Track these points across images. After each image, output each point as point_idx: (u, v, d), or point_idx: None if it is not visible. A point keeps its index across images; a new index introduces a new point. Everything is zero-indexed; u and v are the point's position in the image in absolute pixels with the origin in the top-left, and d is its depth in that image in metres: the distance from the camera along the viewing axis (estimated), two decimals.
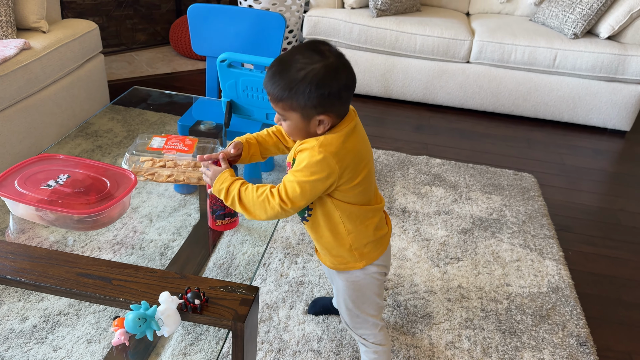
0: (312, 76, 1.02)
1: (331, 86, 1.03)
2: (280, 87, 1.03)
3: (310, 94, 1.02)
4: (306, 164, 1.05)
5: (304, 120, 1.07)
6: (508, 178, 2.60)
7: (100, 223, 1.26)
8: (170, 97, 2.36)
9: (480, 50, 3.11)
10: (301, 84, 1.02)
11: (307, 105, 1.04)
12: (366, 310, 1.31)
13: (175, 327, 0.95)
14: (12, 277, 1.06)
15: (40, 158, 1.37)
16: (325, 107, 1.04)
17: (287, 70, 1.03)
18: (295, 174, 1.07)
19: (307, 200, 1.09)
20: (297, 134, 1.10)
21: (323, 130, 1.07)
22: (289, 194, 1.07)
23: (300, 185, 1.06)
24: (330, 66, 1.03)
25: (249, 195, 1.10)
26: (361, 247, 1.21)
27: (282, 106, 1.06)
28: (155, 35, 4.05)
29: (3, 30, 2.30)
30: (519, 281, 1.93)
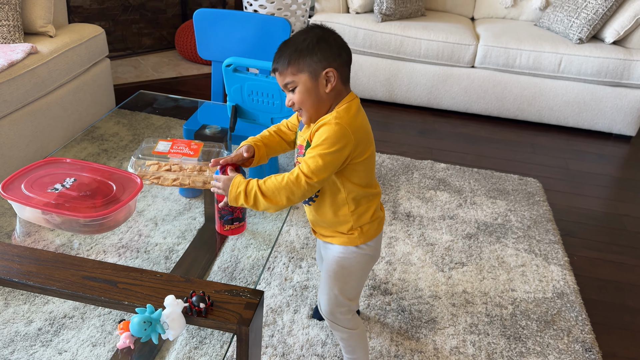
0: (312, 36, 1.14)
1: (330, 42, 1.14)
2: (287, 53, 1.13)
3: (314, 48, 1.12)
4: (326, 137, 1.11)
5: (312, 80, 1.13)
6: (513, 183, 2.59)
7: (106, 226, 1.27)
8: (176, 101, 2.37)
9: (485, 55, 3.11)
10: (304, 43, 1.13)
11: (313, 61, 1.12)
12: (346, 292, 1.33)
13: (180, 330, 0.96)
14: (19, 280, 1.07)
15: (47, 162, 1.38)
16: (329, 61, 1.13)
17: (290, 41, 1.16)
18: (315, 148, 1.12)
19: (329, 173, 1.13)
20: (308, 99, 1.15)
21: (331, 87, 1.14)
22: (311, 168, 1.11)
23: (322, 157, 1.11)
24: (328, 29, 1.17)
25: (269, 185, 1.12)
26: (360, 226, 1.26)
27: (290, 71, 1.13)
28: (161, 40, 4.07)
29: (11, 34, 2.32)
30: (524, 286, 1.93)
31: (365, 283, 1.88)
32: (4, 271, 1.08)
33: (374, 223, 1.28)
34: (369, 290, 1.85)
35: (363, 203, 1.25)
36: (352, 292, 1.35)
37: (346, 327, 1.39)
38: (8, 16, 2.30)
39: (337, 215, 1.24)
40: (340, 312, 1.36)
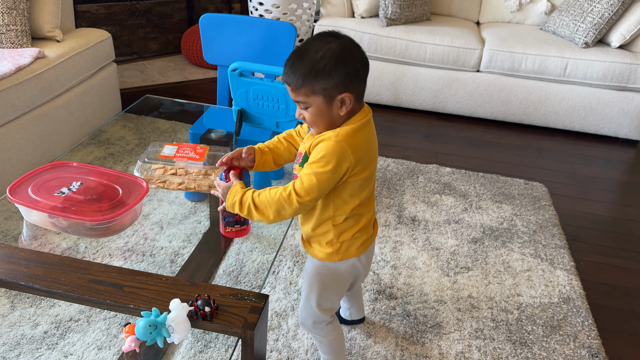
0: (330, 54, 1.05)
1: (349, 62, 1.07)
2: (302, 72, 1.06)
3: (331, 71, 1.05)
4: (323, 154, 1.08)
5: (326, 103, 1.08)
6: (519, 187, 2.58)
7: (112, 230, 1.28)
8: (182, 105, 2.38)
9: (491, 59, 3.11)
10: (321, 63, 1.05)
11: (329, 85, 1.06)
12: (322, 304, 1.33)
13: (185, 334, 0.96)
14: (25, 283, 1.07)
15: (54, 165, 1.39)
16: (346, 85, 1.07)
17: (305, 55, 1.07)
18: (312, 165, 1.09)
19: (322, 191, 1.11)
20: (321, 120, 1.11)
21: (345, 111, 1.09)
22: (305, 186, 1.09)
23: (317, 176, 1.08)
24: (346, 44, 1.08)
25: (263, 198, 1.12)
26: (340, 242, 1.23)
27: (304, 92, 1.08)
28: (167, 45, 4.09)
29: (18, 39, 2.34)
30: (530, 291, 1.92)
31: (371, 288, 1.88)
32: (11, 274, 1.09)
33: (355, 241, 1.25)
34: (374, 294, 1.85)
35: (349, 220, 1.22)
36: (327, 304, 1.35)
37: (323, 337, 1.40)
38: (16, 21, 2.32)
39: (321, 225, 1.22)
40: (314, 321, 1.37)
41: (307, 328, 1.40)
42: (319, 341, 1.43)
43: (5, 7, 2.27)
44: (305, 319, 1.38)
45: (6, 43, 2.33)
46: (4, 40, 2.32)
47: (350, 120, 1.13)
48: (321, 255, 1.26)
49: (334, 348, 1.44)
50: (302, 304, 1.37)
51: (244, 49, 2.15)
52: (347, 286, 1.35)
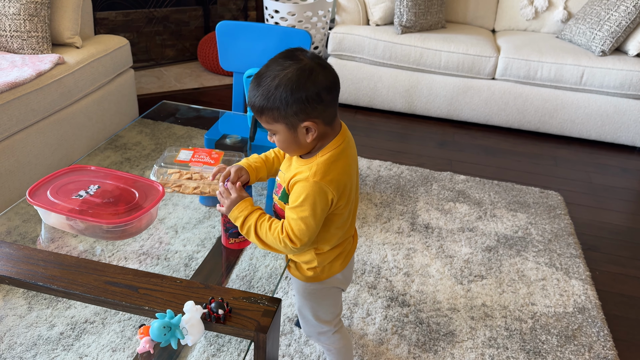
0: (285, 82, 0.99)
1: (307, 89, 0.99)
2: (258, 99, 1.01)
3: (287, 100, 0.99)
4: (303, 198, 1.04)
5: (290, 131, 1.04)
6: (534, 196, 2.57)
7: (128, 233, 1.29)
8: (198, 111, 2.40)
9: (506, 67, 3.10)
10: (276, 92, 0.99)
11: (288, 114, 1.00)
12: (321, 318, 1.33)
13: (199, 336, 0.97)
14: (43, 284, 1.09)
15: (72, 169, 1.41)
16: (308, 113, 1.01)
17: (263, 81, 1.01)
18: (295, 210, 1.06)
19: (313, 233, 1.08)
20: (289, 147, 1.08)
21: (312, 138, 1.04)
22: (295, 233, 1.06)
23: (304, 221, 1.05)
24: (304, 68, 1.00)
25: (263, 229, 1.10)
26: (324, 262, 1.22)
27: (265, 119, 1.04)
28: (183, 52, 4.14)
29: (39, 45, 2.39)
30: (544, 300, 1.90)
31: (383, 294, 1.88)
32: (29, 275, 1.11)
33: (337, 260, 1.23)
34: (387, 301, 1.85)
35: (333, 245, 1.20)
36: (326, 316, 1.34)
37: (330, 345, 1.40)
38: (37, 28, 2.36)
39: (304, 254, 1.21)
40: (319, 332, 1.36)
41: (314, 339, 1.41)
42: (327, 349, 1.43)
43: (27, 14, 2.32)
44: (309, 332, 1.38)
45: (27, 49, 2.38)
46: (25, 47, 2.37)
47: (325, 148, 1.08)
48: (305, 278, 1.25)
49: (342, 356, 1.43)
50: (300, 319, 1.38)
51: (260, 56, 2.17)
52: (339, 295, 1.35)
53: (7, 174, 2.07)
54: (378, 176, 2.62)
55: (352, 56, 3.30)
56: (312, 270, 1.23)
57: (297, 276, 1.26)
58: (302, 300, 1.31)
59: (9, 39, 2.36)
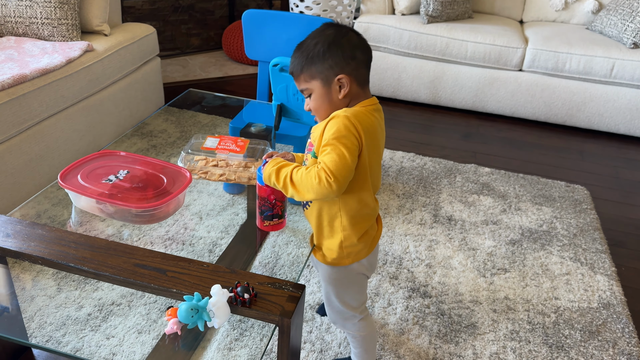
0: (324, 40, 1.11)
1: (343, 45, 1.10)
2: (298, 59, 1.13)
3: (325, 54, 1.10)
4: (334, 130, 1.08)
5: (324, 86, 1.12)
6: (559, 190, 2.53)
7: (156, 217, 1.32)
8: (223, 99, 2.42)
9: (534, 58, 3.05)
10: (314, 49, 1.10)
11: (324, 67, 1.10)
12: (348, 303, 1.33)
13: (225, 319, 0.98)
14: (74, 265, 1.12)
15: (102, 154, 1.44)
16: (341, 67, 1.10)
17: (303, 45, 1.14)
18: (327, 146, 1.08)
19: (349, 170, 1.08)
20: (322, 105, 1.15)
21: (344, 94, 1.12)
22: (331, 167, 1.06)
23: (338, 154, 1.06)
24: (342, 31, 1.12)
25: (299, 174, 1.10)
26: (350, 245, 1.23)
27: (303, 78, 1.13)
28: (208, 40, 4.17)
29: (69, 32, 2.43)
30: (568, 295, 1.88)
31: (405, 285, 1.88)
32: (61, 256, 1.14)
33: (366, 243, 1.25)
34: (408, 292, 1.85)
35: (357, 221, 1.21)
36: (353, 302, 1.34)
37: (355, 332, 1.40)
38: (67, 15, 2.40)
39: (330, 227, 1.22)
40: (345, 318, 1.37)
41: (339, 326, 1.41)
42: (352, 337, 1.44)
43: (58, 1, 2.36)
44: (335, 318, 1.39)
45: (57, 36, 2.42)
46: (56, 34, 2.42)
47: (357, 105, 1.15)
48: (331, 260, 1.25)
49: (366, 343, 1.44)
50: (327, 306, 1.38)
51: (285, 45, 2.17)
52: (365, 282, 1.35)
53: (37, 159, 2.12)
54: (401, 167, 2.62)
55: (377, 46, 3.28)
56: (338, 253, 1.23)
57: (323, 261, 1.27)
58: (329, 286, 1.32)
59: (40, 26, 2.40)
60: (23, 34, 2.44)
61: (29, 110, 2.03)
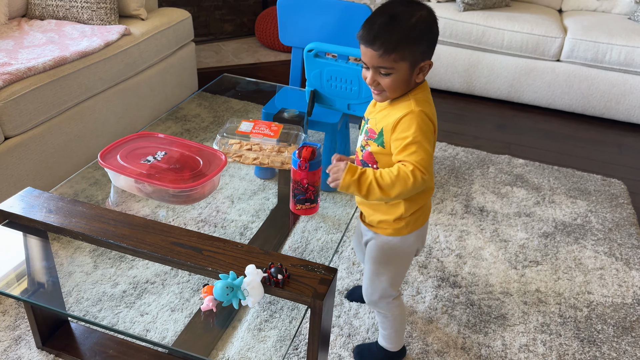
0: (422, 21, 1.07)
1: (434, 31, 1.10)
2: (397, 36, 1.05)
3: (422, 37, 1.07)
4: (415, 128, 1.08)
5: (410, 69, 1.10)
6: (595, 183, 2.48)
7: (193, 198, 1.34)
8: (257, 84, 2.44)
9: (573, 48, 2.97)
10: (414, 30, 1.06)
11: (419, 51, 1.08)
12: (393, 282, 1.34)
13: (259, 298, 1.00)
14: (114, 242, 1.16)
15: (141, 135, 1.47)
16: (430, 53, 1.11)
17: (399, 19, 1.06)
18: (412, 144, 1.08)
19: (431, 160, 1.12)
20: (399, 87, 1.12)
21: (422, 78, 1.13)
22: (420, 162, 1.08)
23: (423, 149, 1.08)
24: (430, 12, 1.10)
25: (385, 177, 1.09)
26: (409, 215, 1.23)
27: (394, 57, 1.07)
28: (241, 27, 4.18)
29: (107, 16, 2.47)
30: (602, 290, 1.85)
31: (434, 274, 1.87)
32: (101, 232, 1.18)
33: (422, 213, 1.26)
34: (437, 281, 1.84)
35: (419, 195, 1.21)
36: (398, 280, 1.36)
37: (388, 312, 1.41)
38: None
39: (388, 205, 1.22)
40: (381, 296, 1.37)
41: (373, 304, 1.41)
42: (383, 316, 1.44)
43: None
44: (371, 294, 1.38)
45: (96, 20, 2.47)
46: (94, 17, 2.46)
47: (417, 89, 1.15)
48: (390, 231, 1.25)
49: (397, 324, 1.45)
50: (369, 281, 1.37)
51: (319, 30, 2.17)
52: (411, 258, 1.36)
53: (76, 139, 2.18)
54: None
55: None
56: (400, 220, 1.23)
57: (382, 231, 1.26)
58: (379, 260, 1.31)
59: (80, 9, 2.45)
60: (63, 17, 2.49)
61: (68, 91, 2.08)
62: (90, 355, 1.44)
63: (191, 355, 1.10)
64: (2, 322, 1.58)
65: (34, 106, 1.94)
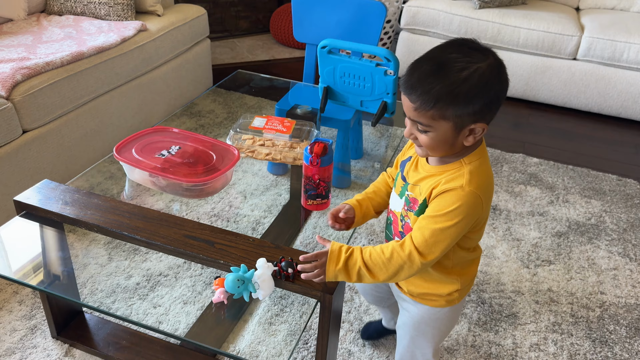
0: (477, 76, 0.86)
1: (495, 89, 0.88)
2: (437, 90, 0.86)
3: (474, 96, 0.86)
4: (456, 207, 0.91)
5: (454, 130, 0.90)
6: (610, 183, 2.45)
7: (206, 192, 1.36)
8: (271, 81, 2.45)
9: (589, 47, 2.94)
10: (463, 86, 0.86)
11: (466, 112, 0.87)
12: (433, 349, 1.18)
13: (269, 291, 1.01)
14: (128, 234, 1.17)
15: (156, 129, 1.49)
16: (483, 114, 0.89)
17: (445, 70, 0.87)
18: (435, 219, 0.92)
19: (447, 248, 0.94)
20: (440, 147, 0.93)
21: (473, 141, 0.92)
22: (428, 243, 0.93)
23: (443, 232, 0.92)
24: (495, 65, 0.88)
25: (376, 259, 0.96)
26: (464, 286, 1.09)
27: (432, 114, 0.88)
28: (256, 24, 4.20)
29: (124, 12, 2.50)
30: (615, 290, 1.83)
31: None
32: (116, 224, 1.20)
33: (474, 274, 1.12)
34: None
35: (471, 265, 1.09)
36: (435, 345, 1.19)
37: None
38: None
39: (441, 280, 1.06)
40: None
41: None
42: None
43: None
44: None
45: (113, 16, 2.50)
46: (111, 13, 2.49)
47: (473, 154, 0.94)
48: (441, 303, 1.09)
49: None
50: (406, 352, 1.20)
51: (334, 27, 2.17)
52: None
53: (92, 134, 2.21)
54: None
55: (426, 31, 3.23)
56: (453, 293, 1.08)
57: (431, 303, 1.10)
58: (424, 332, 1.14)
59: (97, 5, 2.48)
60: (81, 13, 2.53)
61: (85, 86, 2.11)
62: (103, 346, 1.46)
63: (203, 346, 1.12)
64: (18, 312, 1.61)
65: (52, 100, 1.97)
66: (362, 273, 0.96)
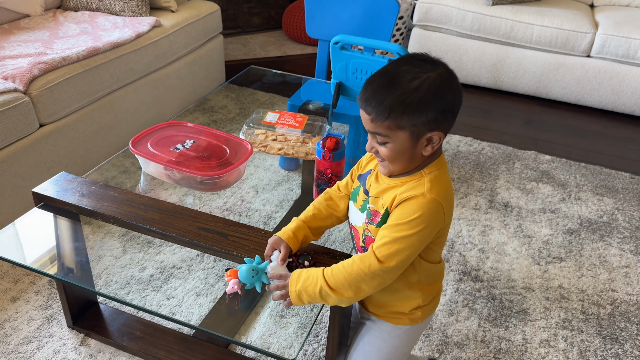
0: (428, 85, 0.88)
1: (448, 97, 0.91)
2: (389, 101, 0.88)
3: (426, 105, 0.88)
4: (417, 215, 0.91)
5: (411, 140, 0.91)
6: (623, 181, 2.44)
7: (219, 186, 1.38)
8: (283, 77, 2.46)
9: (603, 44, 2.92)
10: (415, 94, 0.88)
11: (420, 121, 0.89)
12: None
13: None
14: (143, 225, 1.20)
15: (170, 124, 1.52)
16: (439, 122, 0.91)
17: (396, 81, 0.89)
18: (397, 227, 0.92)
19: (411, 258, 0.94)
20: (399, 159, 0.94)
21: (431, 151, 0.93)
22: (390, 251, 0.92)
23: (405, 240, 0.91)
24: (445, 74, 0.91)
25: (338, 275, 0.94)
26: (426, 303, 1.08)
27: (387, 125, 0.90)
28: (269, 20, 4.22)
29: (139, 8, 2.53)
30: (626, 288, 1.83)
31: (456, 268, 1.88)
32: (131, 216, 1.22)
33: (439, 292, 1.12)
34: (459, 275, 1.85)
35: (436, 279, 1.09)
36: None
37: None
38: None
39: (406, 295, 1.06)
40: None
41: None
42: None
43: None
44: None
45: (128, 12, 2.53)
46: (126, 9, 2.52)
47: (432, 165, 0.96)
48: (404, 321, 1.09)
49: None
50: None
51: (346, 23, 2.18)
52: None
53: (107, 128, 2.24)
54: (457, 151, 2.59)
55: (438, 27, 3.23)
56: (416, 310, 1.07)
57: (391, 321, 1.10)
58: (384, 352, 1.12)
59: (112, 1, 2.51)
60: (96, 9, 2.56)
61: (100, 81, 2.14)
62: (117, 336, 1.49)
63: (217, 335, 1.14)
64: (35, 302, 1.64)
65: (68, 95, 2.00)
66: (325, 292, 0.94)
